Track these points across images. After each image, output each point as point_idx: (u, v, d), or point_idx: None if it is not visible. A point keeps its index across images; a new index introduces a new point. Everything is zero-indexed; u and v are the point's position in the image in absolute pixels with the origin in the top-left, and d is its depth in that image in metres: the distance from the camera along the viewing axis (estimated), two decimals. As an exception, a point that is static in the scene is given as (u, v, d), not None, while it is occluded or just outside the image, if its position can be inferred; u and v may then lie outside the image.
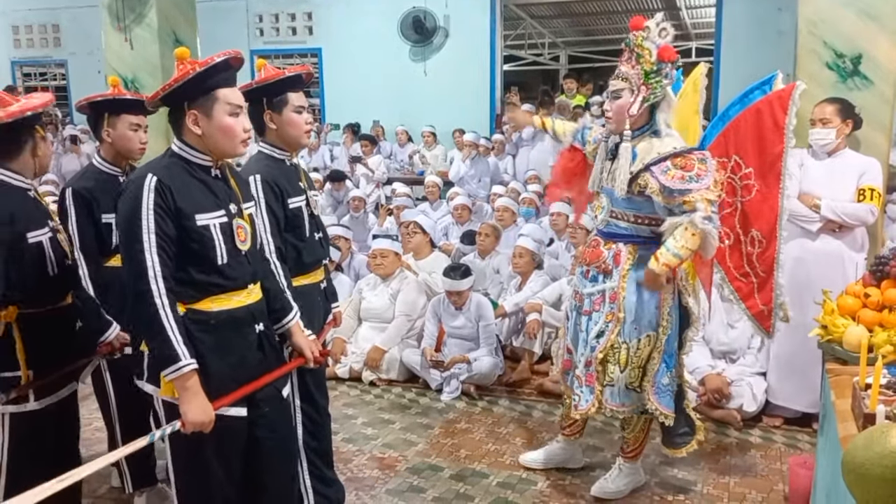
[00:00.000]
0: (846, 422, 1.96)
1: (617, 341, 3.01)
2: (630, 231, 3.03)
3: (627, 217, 3.01)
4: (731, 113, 3.17)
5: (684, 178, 2.78)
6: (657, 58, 2.83)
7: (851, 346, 2.43)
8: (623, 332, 3.00)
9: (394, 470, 3.63)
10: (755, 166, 3.05)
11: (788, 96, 3.04)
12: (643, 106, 2.87)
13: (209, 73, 2.15)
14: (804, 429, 3.98)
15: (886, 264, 2.59)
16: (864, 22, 4.08)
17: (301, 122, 2.77)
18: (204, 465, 2.22)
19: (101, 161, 3.07)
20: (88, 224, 2.93)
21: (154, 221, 2.06)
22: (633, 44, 2.87)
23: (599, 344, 3.04)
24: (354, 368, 4.84)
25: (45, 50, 13.07)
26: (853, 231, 3.80)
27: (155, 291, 2.04)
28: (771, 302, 3.24)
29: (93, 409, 3.66)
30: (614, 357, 3.02)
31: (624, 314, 2.99)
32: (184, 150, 2.21)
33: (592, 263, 3.10)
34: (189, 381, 2.07)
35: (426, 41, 11.15)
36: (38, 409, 2.59)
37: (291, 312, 2.52)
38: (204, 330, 2.16)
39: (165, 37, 6.65)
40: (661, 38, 2.87)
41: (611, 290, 3.02)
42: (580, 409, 3.12)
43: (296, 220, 2.77)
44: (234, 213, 2.26)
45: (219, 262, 2.18)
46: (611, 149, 3.04)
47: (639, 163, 2.89)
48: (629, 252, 3.00)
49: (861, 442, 1.55)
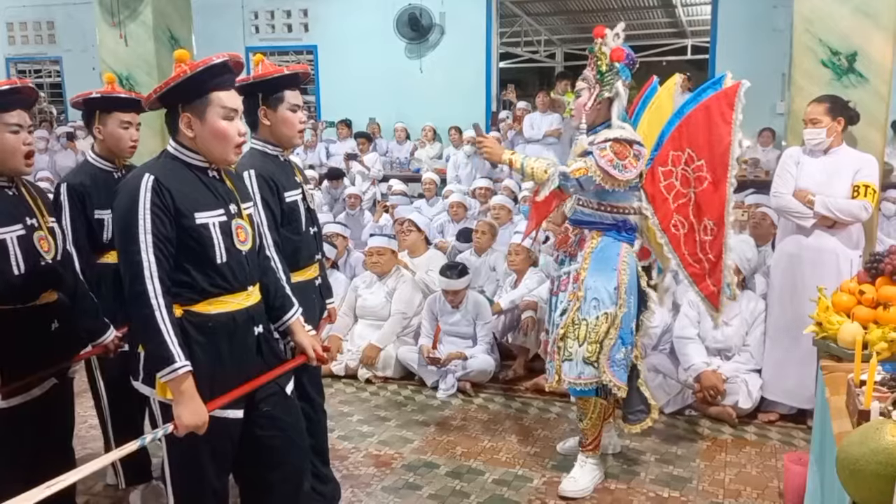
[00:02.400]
0: (841, 418, 1.97)
1: (577, 317, 3.24)
2: (594, 218, 3.28)
3: (591, 204, 3.26)
4: (685, 110, 3.31)
5: (612, 162, 3.04)
6: (609, 59, 3.14)
7: (846, 343, 2.43)
8: (582, 310, 3.23)
9: (389, 467, 3.63)
10: (706, 159, 3.17)
11: (734, 94, 3.17)
12: (596, 100, 3.17)
13: (203, 74, 2.12)
14: (799, 425, 3.99)
15: (881, 261, 2.59)
16: (859, 19, 4.08)
17: (295, 120, 2.76)
18: (199, 464, 2.21)
19: (96, 157, 3.07)
20: (81, 219, 2.92)
21: (151, 221, 2.04)
22: (595, 50, 3.19)
23: (561, 321, 3.30)
24: (350, 366, 4.84)
25: (39, 47, 13.03)
26: (848, 228, 3.81)
27: (151, 293, 2.02)
28: (720, 283, 3.34)
29: (88, 406, 3.66)
30: (573, 333, 3.25)
31: (584, 292, 3.22)
32: (179, 151, 2.19)
33: (561, 248, 3.42)
34: (183, 383, 2.05)
35: (422, 38, 11.14)
36: (5, 407, 2.51)
37: (292, 309, 2.49)
38: (201, 332, 2.15)
39: (160, 34, 6.62)
40: (614, 42, 3.16)
41: (574, 272, 3.29)
42: (548, 382, 3.44)
43: (292, 214, 2.76)
44: (233, 213, 2.23)
45: (218, 261, 2.16)
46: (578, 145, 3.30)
47: (579, 148, 3.22)
48: (592, 236, 3.27)
49: (855, 438, 1.56)
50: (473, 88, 11.10)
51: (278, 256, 2.64)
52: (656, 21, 14.66)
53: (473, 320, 4.74)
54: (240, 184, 2.39)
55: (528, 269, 5.13)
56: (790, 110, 4.40)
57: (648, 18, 14.39)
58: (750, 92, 3.21)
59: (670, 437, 3.90)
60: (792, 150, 4.02)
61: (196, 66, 2.10)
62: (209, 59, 2.14)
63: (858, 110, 3.91)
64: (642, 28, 14.81)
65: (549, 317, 3.54)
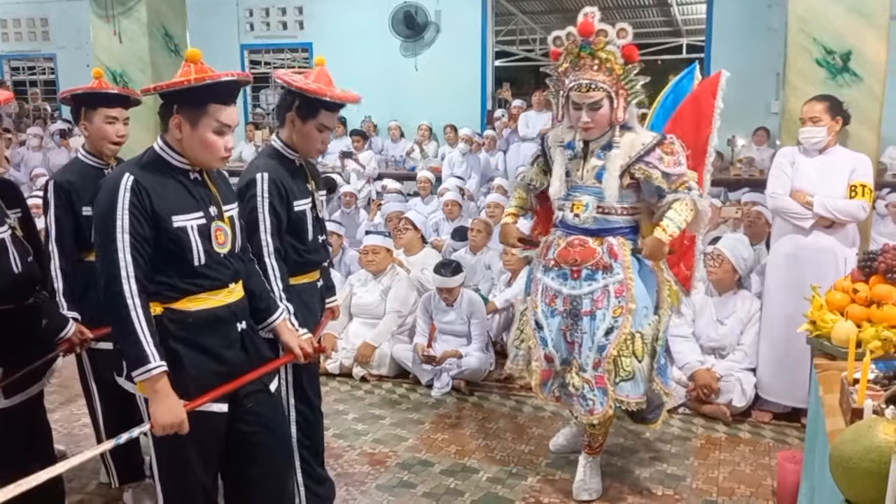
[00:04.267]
0: (834, 416, 1.98)
1: (631, 333, 3.02)
2: (621, 223, 3.10)
3: (617, 210, 3.07)
4: (667, 103, 3.40)
5: (677, 163, 2.97)
6: (624, 59, 2.92)
7: (840, 342, 2.44)
8: (635, 322, 3.03)
9: (384, 465, 3.63)
10: (692, 147, 3.18)
11: (717, 83, 3.22)
12: (628, 108, 2.98)
13: (206, 88, 2.09)
14: (793, 424, 4.00)
15: (874, 260, 2.60)
16: (853, 18, 4.10)
17: (318, 139, 2.71)
18: (185, 460, 2.21)
19: (86, 154, 3.05)
20: (67, 216, 2.90)
21: (129, 222, 2.04)
22: (595, 50, 2.92)
23: (611, 341, 3.02)
24: (345, 364, 4.83)
25: (33, 44, 13.00)
26: (845, 227, 3.82)
27: (127, 292, 2.03)
28: (693, 266, 3.41)
29: (80, 404, 3.65)
30: (628, 349, 3.02)
31: (636, 304, 3.02)
32: (164, 151, 2.18)
33: (585, 262, 3.06)
34: (158, 383, 2.05)
35: (417, 36, 11.14)
36: (6, 406, 2.54)
37: (277, 312, 2.50)
38: (182, 328, 2.15)
39: (154, 30, 6.61)
40: (620, 39, 2.92)
41: (615, 284, 3.03)
42: (596, 413, 3.06)
43: (299, 223, 2.72)
44: (213, 215, 2.22)
45: (195, 263, 2.16)
46: (578, 150, 3.09)
47: (624, 156, 2.99)
48: (621, 243, 3.08)
49: (849, 436, 1.56)
50: (469, 87, 11.10)
51: (277, 263, 2.61)
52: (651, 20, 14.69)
53: (468, 319, 4.74)
54: (223, 185, 2.36)
55: (522, 268, 5.12)
56: (785, 109, 4.41)
57: (643, 17, 14.42)
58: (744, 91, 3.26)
59: (664, 435, 3.91)
60: (786, 149, 4.02)
61: (201, 79, 2.07)
62: (217, 75, 2.10)
63: (852, 109, 3.92)
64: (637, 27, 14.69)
65: (555, 342, 3.16)
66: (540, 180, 3.32)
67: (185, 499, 2.27)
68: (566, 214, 3.11)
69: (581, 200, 3.07)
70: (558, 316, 3.15)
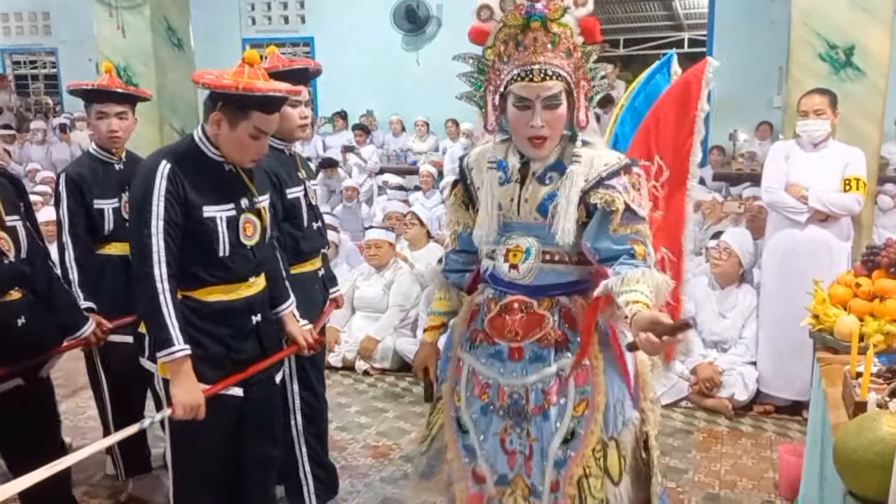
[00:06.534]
0: (837, 410, 1.99)
1: (601, 440, 2.00)
2: (575, 276, 2.05)
3: (571, 257, 2.03)
4: (636, 104, 2.91)
5: (640, 205, 1.97)
6: (584, 38, 1.93)
7: (842, 336, 2.45)
8: (607, 424, 2.01)
9: (387, 458, 3.65)
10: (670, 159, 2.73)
11: (702, 72, 2.74)
12: (590, 108, 2.00)
13: (253, 98, 2.11)
14: (794, 417, 4.01)
15: (878, 254, 2.61)
16: (856, 13, 4.10)
17: (295, 115, 2.73)
18: (200, 446, 2.25)
19: (96, 149, 3.08)
20: (79, 208, 2.93)
21: (164, 208, 2.09)
22: (550, 19, 1.89)
23: (573, 454, 1.99)
24: (348, 358, 4.85)
25: (35, 38, 12.98)
26: (839, 221, 3.84)
27: (157, 276, 2.07)
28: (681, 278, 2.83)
29: (86, 397, 3.67)
30: (598, 466, 2.00)
31: (605, 397, 2.01)
32: (202, 142, 2.22)
33: (529, 337, 2.02)
34: (182, 365, 2.10)
35: (419, 30, 11.12)
36: None
37: (287, 301, 2.54)
38: (198, 317, 2.19)
39: (158, 24, 6.62)
40: (579, 7, 1.91)
41: (574, 371, 2.01)
42: None
43: (294, 211, 2.76)
44: (244, 207, 2.26)
45: (220, 254, 2.19)
46: (512, 172, 2.04)
47: (580, 179, 1.96)
48: (582, 307, 2.04)
49: (852, 429, 1.58)
50: (470, 81, 11.08)
51: (279, 251, 2.65)
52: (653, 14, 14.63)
53: (471, 312, 4.75)
54: (259, 177, 2.39)
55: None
56: (787, 104, 4.41)
57: (645, 11, 14.37)
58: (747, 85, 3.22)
59: (666, 428, 3.92)
60: (780, 143, 4.03)
61: (250, 89, 2.07)
62: (266, 89, 2.10)
63: (855, 104, 3.93)
64: (638, 21, 14.77)
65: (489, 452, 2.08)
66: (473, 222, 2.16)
67: (198, 485, 2.31)
68: (498, 265, 2.06)
69: (519, 245, 2.04)
70: (492, 414, 2.09)
